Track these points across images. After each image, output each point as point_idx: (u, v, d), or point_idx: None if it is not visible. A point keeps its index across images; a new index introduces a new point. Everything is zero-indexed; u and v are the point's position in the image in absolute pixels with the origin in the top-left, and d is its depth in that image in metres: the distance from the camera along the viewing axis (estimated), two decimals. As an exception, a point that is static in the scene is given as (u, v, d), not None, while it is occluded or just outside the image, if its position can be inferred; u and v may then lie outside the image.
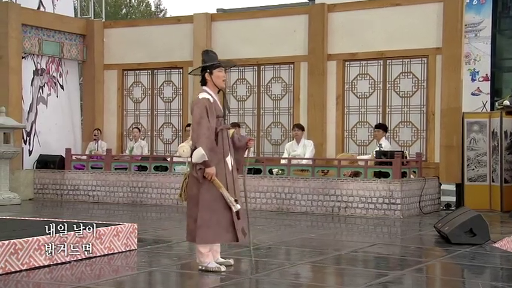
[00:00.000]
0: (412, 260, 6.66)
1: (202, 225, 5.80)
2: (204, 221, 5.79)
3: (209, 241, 5.85)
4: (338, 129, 12.32)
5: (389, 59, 12.07)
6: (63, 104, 14.03)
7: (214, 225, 5.79)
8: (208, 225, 5.79)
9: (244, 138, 6.14)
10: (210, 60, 6.04)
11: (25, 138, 13.21)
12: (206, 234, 5.80)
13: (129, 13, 36.77)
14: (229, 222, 5.82)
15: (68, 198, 12.64)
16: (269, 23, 12.87)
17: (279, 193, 11.00)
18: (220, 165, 5.85)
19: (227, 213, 5.81)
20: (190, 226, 5.91)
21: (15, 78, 12.79)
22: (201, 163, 5.73)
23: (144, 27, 14.39)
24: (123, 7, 37.50)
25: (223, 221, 5.81)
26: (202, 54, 6.12)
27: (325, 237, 8.33)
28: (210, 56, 6.08)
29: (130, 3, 38.00)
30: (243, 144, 6.08)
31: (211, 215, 5.78)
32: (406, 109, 11.98)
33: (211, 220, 5.78)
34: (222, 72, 6.03)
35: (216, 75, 5.99)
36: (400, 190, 10.25)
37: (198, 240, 5.82)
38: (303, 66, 12.53)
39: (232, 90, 13.26)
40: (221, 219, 5.80)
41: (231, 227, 5.83)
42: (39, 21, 13.45)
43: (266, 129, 12.99)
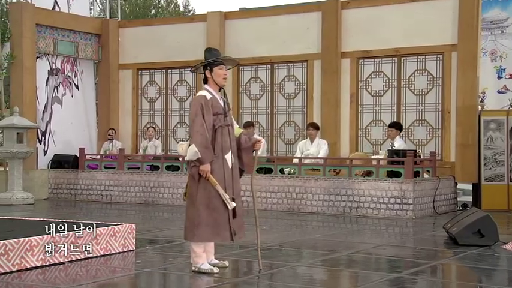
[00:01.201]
0: (414, 262, 6.47)
1: (200, 223, 5.71)
2: (201, 219, 5.70)
3: (207, 239, 5.75)
4: (352, 128, 12.14)
5: (403, 56, 11.86)
6: (78, 103, 14.06)
7: (212, 223, 5.69)
8: (206, 223, 5.69)
9: (252, 139, 6.02)
10: (212, 58, 5.91)
11: (40, 138, 13.27)
12: (204, 233, 5.70)
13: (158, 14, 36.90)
14: (227, 221, 5.72)
15: (82, 198, 12.65)
16: (282, 21, 12.73)
17: (289, 193, 10.86)
18: (218, 162, 5.74)
19: (224, 212, 5.70)
20: (187, 225, 5.83)
21: (29, 78, 12.84)
22: (195, 160, 5.64)
23: (159, 26, 14.36)
24: (152, 8, 37.65)
25: (221, 220, 5.70)
26: (205, 52, 6.00)
27: (330, 238, 8.17)
28: (212, 54, 5.95)
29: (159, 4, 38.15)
30: (249, 146, 5.96)
31: (208, 213, 5.69)
32: (421, 107, 11.76)
33: (208, 218, 5.69)
34: (223, 70, 5.90)
35: (216, 73, 5.86)
36: (413, 190, 10.03)
37: (196, 238, 5.74)
38: (316, 65, 12.37)
39: (245, 89, 13.16)
40: (218, 217, 5.69)
41: (228, 225, 5.72)
42: (54, 21, 13.49)
43: (279, 128, 12.86)
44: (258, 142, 6.02)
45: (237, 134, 6.00)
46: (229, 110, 5.98)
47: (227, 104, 5.96)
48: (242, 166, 6.02)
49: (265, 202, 11.00)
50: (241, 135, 5.99)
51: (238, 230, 5.84)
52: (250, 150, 6.00)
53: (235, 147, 5.92)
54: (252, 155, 6.06)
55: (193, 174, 5.73)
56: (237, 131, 6.03)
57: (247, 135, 6.08)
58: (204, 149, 5.63)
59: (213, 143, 5.76)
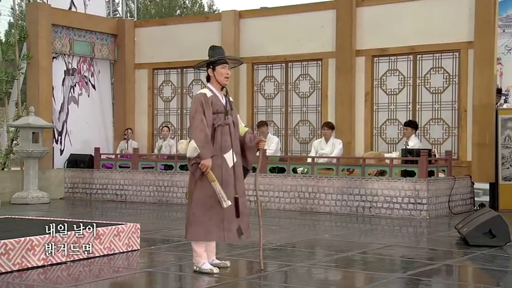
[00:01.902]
0: (420, 262, 6.36)
1: (194, 221, 5.68)
2: (196, 217, 5.67)
3: (200, 238, 5.70)
4: (367, 127, 12.02)
5: (419, 54, 11.70)
6: (94, 103, 14.12)
7: (206, 222, 5.64)
8: (200, 221, 5.65)
9: (256, 138, 5.97)
10: (215, 56, 5.86)
11: (56, 138, 13.35)
12: (197, 231, 5.67)
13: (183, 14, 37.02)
14: (221, 220, 5.66)
15: (97, 197, 12.69)
16: (296, 19, 12.64)
17: (302, 192, 10.77)
18: (216, 161, 5.69)
19: (220, 211, 5.65)
20: (186, 223, 5.80)
21: (45, 78, 12.91)
22: (196, 157, 5.59)
23: (174, 25, 14.36)
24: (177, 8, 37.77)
25: (216, 219, 5.65)
26: (209, 50, 5.95)
27: (339, 238, 8.07)
28: (216, 52, 5.90)
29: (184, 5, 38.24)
30: (253, 144, 5.91)
31: (203, 211, 5.65)
32: (437, 106, 11.59)
33: (203, 217, 5.64)
34: (226, 69, 5.85)
35: (218, 72, 5.82)
36: (427, 190, 9.89)
37: (189, 236, 5.72)
38: (331, 63, 12.27)
39: (260, 88, 13.10)
40: (213, 216, 5.64)
41: (222, 225, 5.67)
42: (70, 21, 13.55)
43: (294, 127, 12.78)
44: (262, 141, 5.96)
45: (242, 133, 5.94)
46: (232, 109, 5.91)
47: (229, 103, 5.90)
48: (247, 165, 5.96)
49: (278, 202, 10.93)
50: (246, 134, 5.93)
51: (244, 229, 5.78)
52: (255, 149, 5.95)
53: (238, 146, 5.86)
54: (255, 154, 6.00)
55: (192, 172, 5.70)
56: (242, 130, 5.97)
57: (252, 134, 6.01)
58: (203, 144, 5.58)
59: (212, 142, 5.71)
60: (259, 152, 6.02)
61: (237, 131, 5.88)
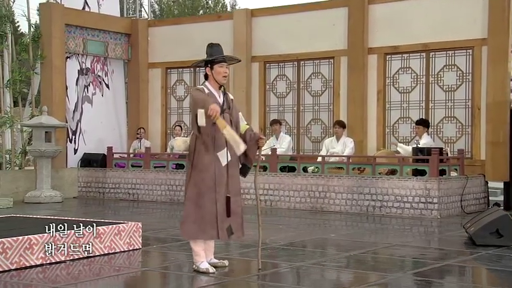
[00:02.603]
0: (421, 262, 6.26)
1: (186, 219, 5.66)
2: (188, 215, 5.65)
3: (193, 236, 5.67)
4: (379, 126, 11.90)
5: (432, 52, 11.56)
6: (108, 102, 14.17)
7: (199, 220, 5.61)
8: (193, 219, 5.63)
9: (256, 136, 5.92)
10: (214, 54, 5.81)
11: (70, 137, 13.42)
12: (190, 229, 5.64)
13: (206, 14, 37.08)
14: (214, 219, 5.62)
15: (110, 197, 12.74)
16: (308, 17, 12.57)
17: (312, 191, 10.70)
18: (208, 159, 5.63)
19: (212, 209, 5.61)
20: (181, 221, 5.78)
21: (58, 77, 12.99)
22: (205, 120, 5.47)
23: (187, 24, 14.35)
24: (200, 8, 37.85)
25: (208, 217, 5.60)
26: (207, 47, 5.90)
27: (345, 237, 7.99)
28: (214, 50, 5.84)
29: (207, 5, 38.36)
30: (253, 142, 5.86)
31: (196, 210, 5.61)
32: (450, 104, 11.44)
33: (196, 215, 5.61)
34: (223, 68, 5.78)
35: (216, 71, 5.76)
36: (438, 189, 9.76)
37: (183, 234, 5.70)
38: (343, 61, 12.18)
39: (272, 87, 13.05)
40: (205, 214, 5.60)
41: (215, 223, 5.62)
42: (84, 21, 13.61)
43: (306, 126, 12.71)
44: (261, 139, 5.91)
45: (243, 131, 5.89)
46: (230, 107, 5.86)
47: (227, 102, 5.85)
48: (247, 162, 5.91)
49: (288, 201, 10.87)
50: (246, 132, 5.88)
51: (236, 229, 5.73)
52: (255, 146, 5.89)
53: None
54: (256, 151, 5.94)
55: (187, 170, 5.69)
56: (242, 128, 5.91)
57: (252, 132, 5.96)
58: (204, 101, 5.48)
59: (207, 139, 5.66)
60: (259, 150, 5.96)
61: (235, 129, 5.81)
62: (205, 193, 5.60)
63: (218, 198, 5.64)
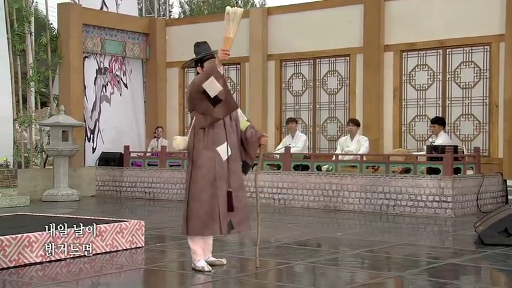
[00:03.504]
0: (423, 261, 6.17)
1: (188, 216, 5.63)
2: (190, 211, 5.62)
3: (197, 233, 5.64)
4: (395, 124, 11.77)
5: (449, 48, 11.39)
6: (126, 102, 14.25)
7: (202, 216, 5.58)
8: (195, 216, 5.60)
9: (258, 133, 5.88)
10: (202, 52, 5.81)
11: (89, 136, 13.52)
12: (194, 226, 5.61)
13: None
14: (216, 214, 5.59)
15: (126, 195, 12.80)
16: (324, 15, 12.48)
17: (326, 190, 10.61)
18: (208, 154, 5.60)
19: (214, 205, 5.58)
20: (182, 218, 5.75)
21: (76, 77, 13.09)
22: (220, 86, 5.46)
23: (204, 23, 14.35)
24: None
25: (210, 213, 5.58)
26: (194, 47, 5.91)
27: (352, 236, 7.89)
28: (201, 48, 5.86)
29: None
30: (254, 139, 5.82)
31: (198, 206, 5.59)
32: (468, 101, 11.26)
33: (198, 211, 5.59)
34: None
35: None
36: (452, 187, 9.60)
37: (187, 231, 5.66)
38: (358, 59, 12.07)
39: (288, 85, 12.99)
40: (207, 210, 5.58)
41: (217, 219, 5.60)
42: (101, 21, 13.71)
43: (322, 124, 12.62)
44: (264, 137, 5.87)
45: (244, 127, 5.85)
46: None
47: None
48: (247, 160, 5.87)
49: (302, 200, 10.81)
50: (247, 129, 5.85)
51: (238, 223, 5.69)
52: (256, 144, 5.85)
53: (234, 140, 5.77)
54: (257, 149, 5.90)
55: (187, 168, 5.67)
56: (243, 124, 5.88)
57: (253, 129, 5.92)
58: (209, 74, 5.46)
59: (203, 135, 5.63)
60: (260, 148, 5.91)
61: (234, 125, 5.78)
62: (206, 189, 5.58)
63: (219, 194, 5.62)
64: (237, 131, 5.81)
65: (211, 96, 5.50)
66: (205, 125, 5.64)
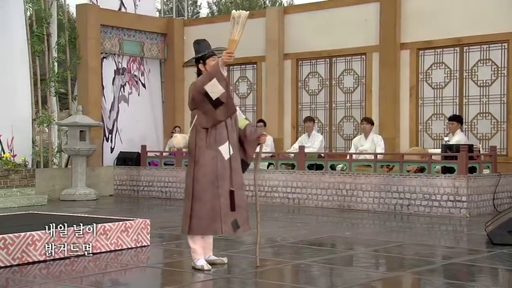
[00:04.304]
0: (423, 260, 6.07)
1: (192, 216, 5.62)
2: (193, 212, 5.61)
3: (199, 232, 5.64)
4: (412, 122, 11.66)
5: (466, 46, 11.25)
6: (144, 101, 14.33)
7: (203, 216, 5.58)
8: (197, 216, 5.60)
9: (257, 132, 5.87)
10: (202, 50, 5.82)
11: (107, 136, 13.63)
12: (196, 226, 5.61)
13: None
14: (218, 214, 5.59)
15: (144, 195, 12.88)
16: (340, 13, 12.42)
17: (340, 190, 10.55)
18: (210, 154, 5.59)
19: (216, 204, 5.58)
20: (182, 217, 5.75)
21: (94, 78, 13.21)
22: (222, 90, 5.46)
23: (222, 23, 14.33)
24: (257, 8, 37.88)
25: (212, 212, 5.58)
26: (194, 44, 5.93)
27: (360, 236, 7.83)
28: (202, 46, 5.88)
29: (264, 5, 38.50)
30: (253, 138, 5.82)
31: (200, 206, 5.58)
32: (485, 99, 11.11)
33: (200, 211, 5.59)
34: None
35: (209, 65, 5.77)
36: (466, 187, 9.48)
37: (190, 231, 5.65)
38: (375, 57, 11.98)
39: (304, 84, 12.95)
40: (209, 210, 5.58)
41: (219, 218, 5.59)
42: (119, 21, 13.81)
43: (338, 123, 12.55)
44: (263, 136, 5.85)
45: (243, 126, 5.84)
46: None
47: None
48: (246, 159, 5.87)
49: (316, 199, 10.76)
50: (246, 127, 5.84)
51: (242, 222, 5.70)
52: (255, 142, 5.84)
53: (235, 139, 5.77)
54: (255, 148, 5.89)
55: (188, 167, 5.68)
56: (242, 123, 5.87)
57: (252, 127, 5.91)
58: (212, 76, 5.47)
59: (205, 134, 5.63)
60: (259, 147, 5.90)
61: (234, 123, 5.78)
62: (208, 188, 5.58)
63: (221, 193, 5.61)
64: (237, 129, 5.80)
65: (212, 98, 5.49)
66: (207, 126, 5.63)
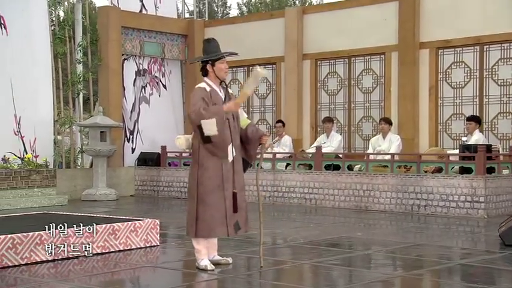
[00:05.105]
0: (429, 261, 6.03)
1: (197, 219, 5.64)
2: (198, 215, 5.64)
3: (204, 235, 5.67)
4: (431, 122, 11.54)
5: (486, 45, 11.11)
6: (165, 102, 14.41)
7: (209, 219, 5.61)
8: (203, 219, 5.62)
9: (259, 132, 5.88)
10: (212, 51, 5.81)
11: (128, 137, 13.75)
12: (201, 229, 5.64)
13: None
14: (224, 216, 5.61)
15: (163, 195, 12.96)
16: (359, 13, 12.35)
17: (357, 190, 10.50)
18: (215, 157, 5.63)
19: (221, 207, 5.60)
20: (187, 220, 5.77)
21: (115, 79, 13.33)
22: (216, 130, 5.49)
23: (241, 24, 14.43)
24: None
25: (218, 215, 5.61)
26: (204, 43, 5.91)
27: (372, 236, 7.78)
28: (212, 46, 5.85)
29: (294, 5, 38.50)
30: (255, 137, 5.83)
31: (205, 209, 5.61)
32: (505, 99, 10.96)
33: (205, 214, 5.61)
34: (225, 64, 5.81)
35: (218, 68, 5.78)
36: (484, 187, 9.36)
37: (194, 234, 5.68)
38: (393, 57, 11.89)
39: (323, 84, 12.90)
40: (215, 213, 5.60)
41: (225, 220, 5.62)
42: (140, 23, 13.91)
43: (357, 123, 12.48)
44: (265, 136, 5.85)
45: (244, 125, 5.85)
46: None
47: (229, 96, 5.83)
48: (247, 158, 5.88)
49: (333, 200, 10.72)
50: (248, 127, 5.85)
51: (242, 224, 5.72)
52: (257, 142, 5.85)
53: (238, 140, 5.79)
54: (257, 148, 5.90)
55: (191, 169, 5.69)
56: (244, 122, 5.88)
57: (254, 127, 5.92)
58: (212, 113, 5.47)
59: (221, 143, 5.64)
60: (262, 147, 5.90)
61: (237, 124, 5.79)
62: (213, 191, 5.59)
63: (227, 196, 5.64)
64: (239, 130, 5.81)
65: (204, 133, 5.51)
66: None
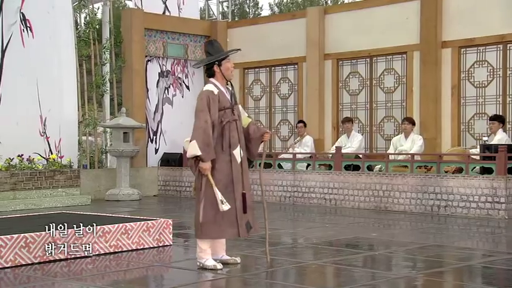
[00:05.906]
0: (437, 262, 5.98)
1: (207, 220, 5.66)
2: (208, 216, 5.65)
3: (213, 236, 5.71)
4: (453, 122, 11.42)
5: (509, 43, 10.96)
6: (188, 103, 14.44)
7: (219, 220, 5.63)
8: (212, 220, 5.64)
9: (261, 130, 5.90)
10: (216, 52, 5.86)
11: (151, 137, 13.86)
12: (210, 230, 5.67)
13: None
14: (234, 217, 5.64)
15: (186, 195, 13.03)
16: (381, 12, 12.28)
17: (376, 190, 10.44)
18: (225, 159, 5.67)
19: (232, 208, 5.62)
20: (195, 221, 5.80)
21: (138, 80, 13.46)
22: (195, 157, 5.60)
23: (264, 24, 14.43)
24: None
25: (227, 216, 5.63)
26: (207, 45, 5.96)
27: (386, 237, 7.72)
28: (215, 47, 5.91)
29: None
30: (257, 136, 5.85)
31: (216, 210, 5.63)
32: (530, 98, 10.81)
33: (215, 216, 5.63)
34: (230, 63, 5.86)
35: (225, 67, 5.82)
36: (505, 188, 9.23)
37: (202, 235, 5.70)
38: (415, 56, 11.79)
39: (344, 84, 12.85)
40: (225, 214, 5.62)
41: (235, 222, 5.65)
42: (163, 25, 14.02)
43: (379, 123, 12.41)
44: (266, 133, 5.87)
45: (246, 124, 5.88)
46: (236, 103, 5.87)
47: (234, 97, 5.86)
48: (249, 156, 5.90)
49: (353, 200, 10.67)
50: (249, 125, 5.88)
51: (253, 223, 5.76)
52: (259, 140, 5.87)
53: (243, 140, 5.82)
54: (259, 146, 5.91)
55: (190, 167, 5.75)
56: (245, 121, 5.91)
57: (255, 126, 5.94)
58: (205, 146, 5.55)
59: (221, 139, 5.68)
60: (263, 145, 5.92)
61: (240, 125, 5.82)
62: (223, 193, 5.61)
63: (237, 197, 5.67)
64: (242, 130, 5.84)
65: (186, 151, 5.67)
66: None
